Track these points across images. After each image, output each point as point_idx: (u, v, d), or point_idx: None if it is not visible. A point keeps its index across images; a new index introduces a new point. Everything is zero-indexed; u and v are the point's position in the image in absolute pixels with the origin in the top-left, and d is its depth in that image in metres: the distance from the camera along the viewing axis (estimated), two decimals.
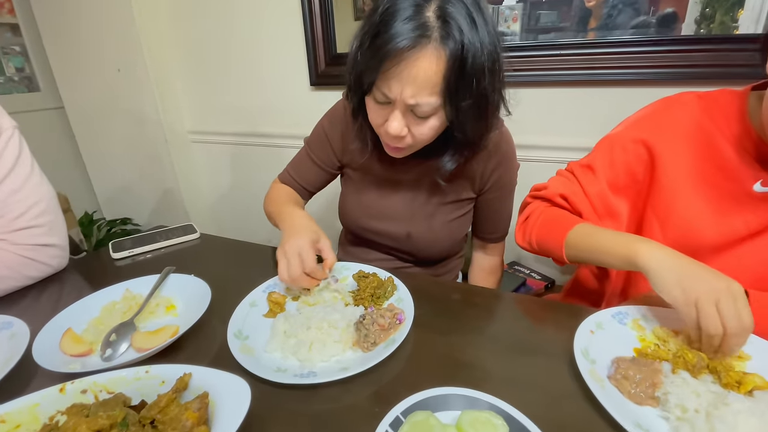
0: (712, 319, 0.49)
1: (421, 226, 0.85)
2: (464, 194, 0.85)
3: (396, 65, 0.59)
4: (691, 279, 0.52)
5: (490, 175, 0.82)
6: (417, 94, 0.61)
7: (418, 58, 0.58)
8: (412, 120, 0.66)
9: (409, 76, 0.59)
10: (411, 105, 0.62)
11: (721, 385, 0.47)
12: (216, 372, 0.45)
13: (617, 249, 0.61)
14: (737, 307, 0.49)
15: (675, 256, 0.56)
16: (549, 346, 0.57)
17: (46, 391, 0.44)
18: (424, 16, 0.57)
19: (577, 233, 0.68)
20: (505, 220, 0.91)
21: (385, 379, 0.52)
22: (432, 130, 0.67)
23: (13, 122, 0.82)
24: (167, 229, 0.99)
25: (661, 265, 0.55)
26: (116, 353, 0.57)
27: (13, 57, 1.96)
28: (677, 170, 0.67)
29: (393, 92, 0.62)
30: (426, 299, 0.67)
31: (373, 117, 0.70)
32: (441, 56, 0.58)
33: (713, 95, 0.68)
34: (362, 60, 0.63)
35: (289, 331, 0.58)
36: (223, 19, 1.58)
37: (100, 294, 0.69)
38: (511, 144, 0.83)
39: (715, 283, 0.50)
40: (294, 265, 0.65)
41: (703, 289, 0.50)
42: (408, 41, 0.57)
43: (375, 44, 0.60)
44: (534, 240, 0.75)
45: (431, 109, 0.63)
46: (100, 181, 2.11)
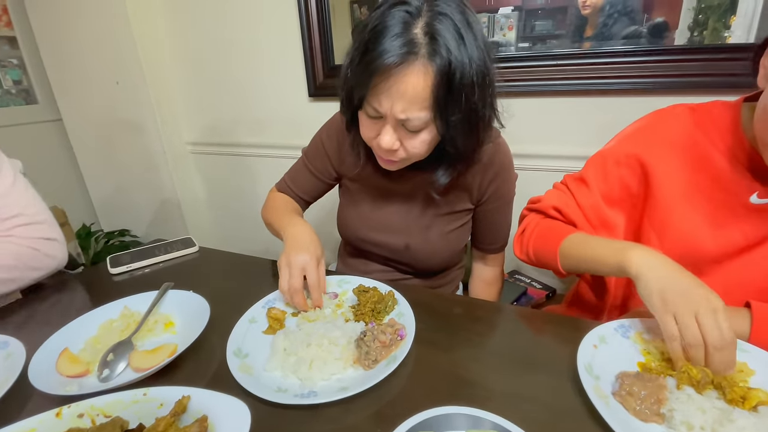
0: (691, 330, 0.49)
1: (419, 238, 0.85)
2: (461, 206, 0.85)
3: (385, 81, 0.60)
4: (673, 289, 0.52)
5: (488, 186, 0.82)
6: (407, 109, 0.62)
7: (407, 74, 0.59)
8: (404, 134, 0.66)
9: (398, 91, 0.60)
10: (401, 120, 0.63)
11: (726, 401, 0.47)
12: (215, 394, 0.45)
13: (609, 256, 0.61)
14: (717, 320, 0.48)
15: (664, 264, 0.55)
16: (552, 361, 0.57)
17: (43, 416, 0.44)
18: (412, 33, 0.58)
19: (571, 242, 0.68)
20: (504, 230, 0.91)
21: (387, 398, 0.51)
22: (424, 144, 0.67)
23: None
24: (166, 243, 0.99)
25: (647, 272, 0.55)
26: (114, 373, 0.56)
27: (11, 70, 1.97)
28: (672, 184, 0.67)
29: (383, 107, 0.63)
30: (427, 313, 0.66)
31: (365, 131, 0.70)
32: (429, 72, 0.59)
33: (706, 107, 0.68)
34: (353, 76, 0.64)
35: (289, 349, 0.58)
36: (221, 31, 1.58)
37: (97, 312, 0.68)
38: (508, 155, 0.83)
39: (696, 296, 0.50)
40: (296, 277, 0.67)
41: (682, 300, 0.51)
42: (396, 58, 0.58)
43: (364, 60, 0.61)
44: (531, 252, 0.75)
45: (421, 123, 0.64)
46: (98, 193, 2.10)
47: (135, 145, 1.81)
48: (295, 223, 0.78)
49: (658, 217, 0.69)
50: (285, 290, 0.67)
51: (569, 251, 0.68)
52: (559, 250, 0.69)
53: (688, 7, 1.04)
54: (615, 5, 1.09)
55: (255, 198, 1.80)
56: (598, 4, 1.11)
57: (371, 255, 0.93)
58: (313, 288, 0.69)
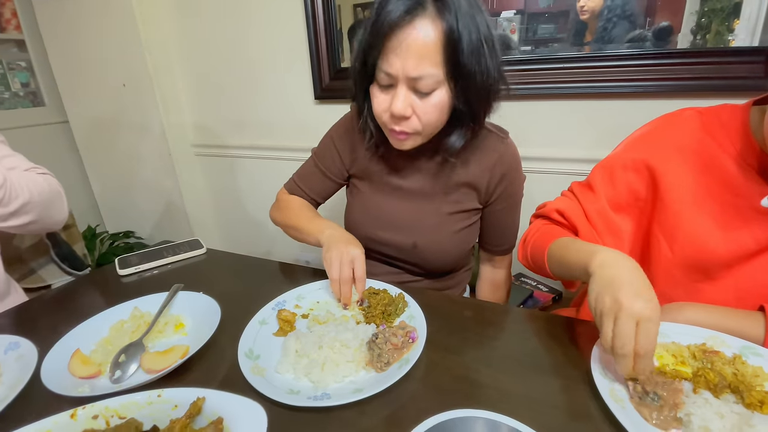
0: (605, 333, 0.50)
1: (427, 237, 0.85)
2: (470, 204, 0.85)
3: (395, 39, 0.63)
4: (607, 289, 0.51)
5: (496, 186, 0.82)
6: (418, 66, 0.63)
7: (415, 28, 0.62)
8: (416, 99, 0.67)
9: (408, 47, 0.62)
10: (413, 78, 0.64)
11: (744, 405, 0.47)
12: (230, 396, 0.45)
13: (578, 260, 0.60)
14: (634, 329, 0.47)
15: (620, 265, 0.54)
16: (565, 365, 0.57)
17: (57, 417, 0.44)
18: None
19: (557, 246, 0.68)
20: (512, 232, 0.91)
21: (400, 401, 0.51)
22: (436, 109, 0.68)
23: None
24: (173, 245, 0.99)
25: (599, 270, 0.54)
26: (125, 375, 0.56)
27: (19, 72, 1.98)
28: (681, 188, 0.67)
29: (394, 68, 0.64)
30: (437, 316, 0.66)
31: (378, 105, 0.71)
32: (437, 27, 0.62)
33: (714, 110, 0.68)
34: (365, 43, 0.67)
35: (300, 351, 0.58)
36: (228, 35, 1.59)
37: (108, 313, 0.68)
38: (517, 156, 0.84)
39: (623, 300, 0.49)
40: (346, 269, 0.71)
41: (608, 302, 0.50)
42: (405, 11, 0.61)
43: (375, 25, 0.64)
44: (530, 257, 0.75)
45: (434, 82, 0.65)
46: (104, 195, 2.11)
47: (141, 147, 1.82)
48: (331, 225, 0.82)
49: (667, 222, 0.68)
50: (336, 279, 0.70)
51: (554, 255, 0.68)
52: (547, 254, 0.69)
53: (690, 11, 1.04)
54: (613, 10, 1.09)
55: (259, 200, 1.80)
56: (596, 9, 1.11)
57: (380, 256, 0.93)
58: (360, 280, 0.72)
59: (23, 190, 0.80)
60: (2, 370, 0.59)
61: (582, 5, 1.12)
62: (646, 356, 0.47)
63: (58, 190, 0.90)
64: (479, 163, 0.81)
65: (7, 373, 0.59)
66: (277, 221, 0.93)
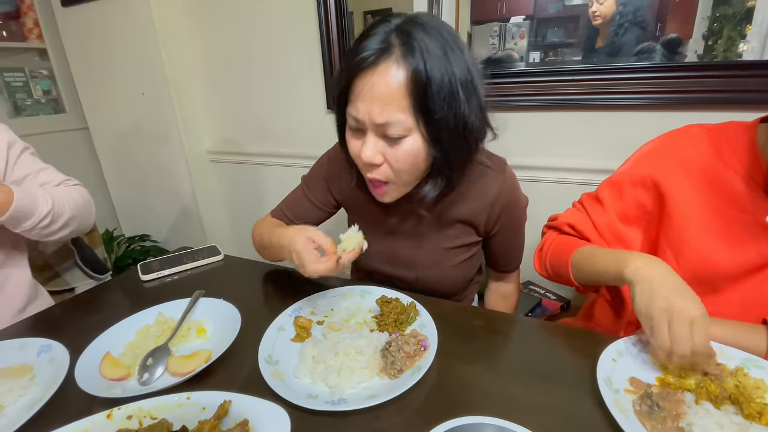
0: (662, 338, 0.52)
1: (429, 271, 0.85)
2: (468, 239, 0.84)
3: (361, 81, 0.61)
4: (654, 295, 0.54)
5: (496, 221, 0.82)
6: (383, 112, 0.61)
7: (380, 73, 0.60)
8: (386, 145, 0.65)
9: (373, 93, 0.60)
10: (380, 124, 0.62)
11: (743, 416, 0.48)
12: (255, 399, 0.48)
13: (612, 264, 0.63)
14: (690, 330, 0.50)
15: (658, 271, 0.57)
16: (572, 374, 0.59)
17: (95, 417, 0.47)
18: (389, 38, 0.61)
19: (581, 254, 0.70)
20: (517, 253, 0.92)
21: (413, 407, 0.54)
22: (409, 156, 0.65)
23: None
24: (192, 251, 1.03)
25: (638, 277, 0.57)
26: (153, 377, 0.59)
27: (41, 80, 2.05)
28: (686, 204, 0.69)
29: (361, 113, 0.62)
30: (448, 325, 0.69)
31: (351, 148, 0.69)
32: (402, 70, 0.59)
33: (722, 128, 0.69)
34: (336, 85, 0.67)
35: (317, 357, 0.60)
36: (244, 46, 1.64)
37: (134, 318, 0.72)
38: (514, 187, 0.82)
39: (673, 303, 0.52)
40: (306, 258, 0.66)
41: (659, 307, 0.53)
42: (371, 55, 0.60)
43: (344, 68, 0.64)
44: (549, 266, 0.77)
45: (402, 129, 0.62)
46: (120, 199, 2.17)
47: (158, 153, 1.87)
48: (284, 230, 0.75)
49: (673, 236, 0.70)
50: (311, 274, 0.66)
51: (579, 263, 0.70)
52: (571, 262, 0.71)
53: (702, 17, 1.04)
54: (625, 15, 1.10)
55: (271, 206, 1.83)
56: (608, 14, 1.12)
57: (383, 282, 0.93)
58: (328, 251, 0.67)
59: (65, 208, 0.88)
60: (35, 372, 0.63)
61: (594, 11, 1.14)
62: (704, 353, 0.50)
63: (89, 200, 0.98)
64: (476, 200, 0.79)
65: (41, 375, 0.62)
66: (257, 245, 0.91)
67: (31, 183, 0.90)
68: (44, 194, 0.85)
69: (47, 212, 0.84)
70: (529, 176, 1.28)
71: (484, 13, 1.30)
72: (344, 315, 0.74)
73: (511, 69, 1.28)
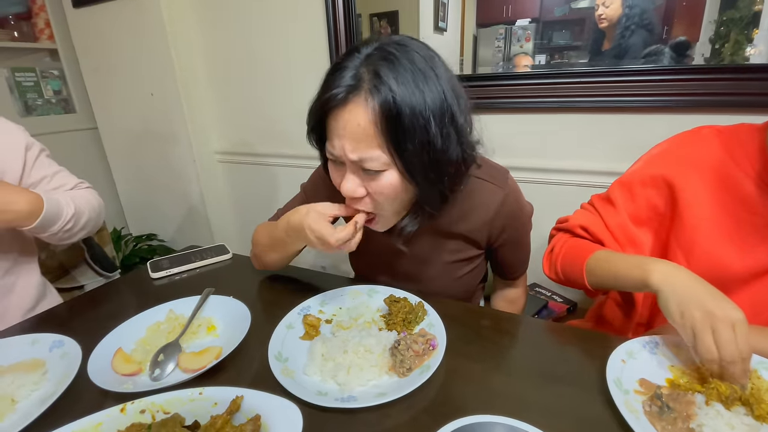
0: (707, 345, 0.51)
1: (431, 285, 0.84)
2: (470, 253, 0.83)
3: (335, 121, 0.60)
4: (691, 303, 0.53)
5: (498, 235, 0.80)
6: (356, 148, 0.59)
7: (351, 110, 0.58)
8: (367, 178, 0.63)
9: (345, 130, 0.59)
10: (355, 161, 0.61)
11: (754, 417, 0.48)
12: (267, 395, 0.48)
13: (632, 271, 0.62)
14: (734, 335, 0.50)
15: (685, 277, 0.57)
16: (581, 375, 0.59)
17: (109, 411, 0.48)
18: (359, 71, 0.58)
19: (596, 259, 0.70)
20: (523, 260, 0.91)
21: (422, 405, 0.54)
22: (391, 188, 0.63)
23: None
24: (201, 250, 1.04)
25: (668, 285, 0.57)
26: (164, 373, 0.60)
27: (52, 80, 2.07)
28: (699, 204, 0.68)
29: (336, 149, 0.61)
30: (456, 325, 0.69)
31: (334, 179, 0.68)
32: (370, 107, 0.57)
33: (732, 130, 0.69)
34: (311, 118, 0.65)
35: (326, 355, 0.61)
36: (252, 48, 1.65)
37: (145, 314, 0.72)
38: (518, 202, 0.79)
39: (713, 309, 0.51)
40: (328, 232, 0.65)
41: (699, 314, 0.52)
42: (340, 92, 0.58)
43: (316, 105, 0.63)
44: (560, 270, 0.77)
45: (379, 164, 0.60)
46: (128, 198, 2.18)
47: (166, 153, 1.88)
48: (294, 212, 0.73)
49: (684, 238, 0.70)
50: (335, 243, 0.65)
51: (595, 268, 0.70)
52: (586, 267, 0.71)
53: (709, 20, 1.03)
54: (631, 18, 1.10)
55: (279, 205, 1.84)
56: (614, 17, 1.13)
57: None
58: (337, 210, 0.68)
59: (84, 211, 0.91)
60: (47, 367, 0.63)
61: (600, 14, 1.14)
62: (748, 358, 0.50)
63: (101, 202, 1.01)
64: (475, 217, 0.77)
65: (52, 370, 0.63)
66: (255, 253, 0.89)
67: (47, 185, 0.93)
68: (66, 199, 0.87)
69: (71, 216, 0.87)
70: (536, 178, 1.28)
71: (489, 15, 1.30)
72: (352, 314, 0.74)
73: (516, 71, 1.28)
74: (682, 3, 1.06)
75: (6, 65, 1.89)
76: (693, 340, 0.53)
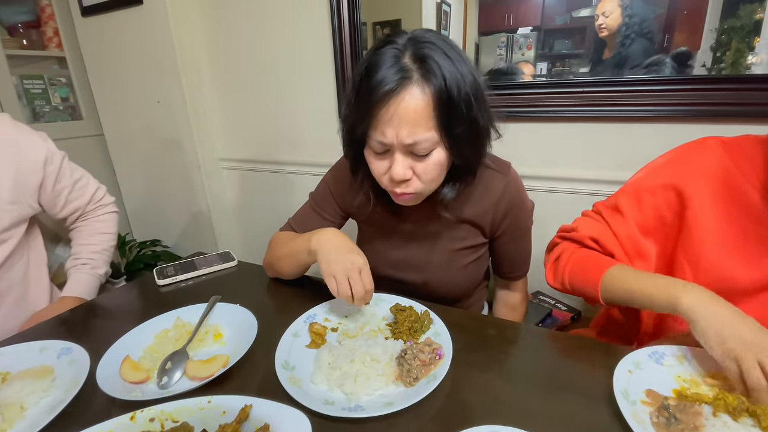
0: (755, 376, 0.50)
1: (438, 274, 0.87)
2: (475, 240, 0.86)
3: (385, 110, 0.63)
4: (731, 333, 0.53)
5: (501, 222, 0.84)
6: (413, 133, 0.64)
7: (404, 98, 0.62)
8: (415, 161, 0.68)
9: (400, 117, 0.63)
10: (409, 145, 0.65)
11: (761, 429, 0.48)
12: (276, 404, 0.48)
13: (658, 293, 0.62)
14: None
15: (717, 304, 0.57)
16: (587, 385, 0.59)
17: (119, 420, 0.48)
18: (402, 62, 0.63)
19: (613, 276, 0.69)
20: (524, 258, 0.93)
21: (428, 415, 0.54)
22: (436, 167, 0.68)
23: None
24: (206, 257, 1.04)
25: (702, 314, 0.56)
26: (171, 381, 0.60)
27: (59, 88, 2.10)
28: (705, 215, 0.68)
29: (388, 137, 0.65)
30: (461, 333, 0.69)
31: (375, 169, 0.71)
32: (426, 92, 0.62)
33: (737, 141, 0.70)
34: (353, 113, 0.68)
35: (333, 364, 0.61)
36: (257, 56, 1.67)
37: (153, 321, 0.73)
38: (520, 190, 0.84)
39: (756, 340, 0.52)
40: (358, 284, 0.69)
41: (742, 346, 0.52)
42: (392, 84, 0.62)
43: (362, 95, 0.65)
44: (567, 281, 0.76)
45: (430, 144, 0.65)
46: (132, 205, 2.20)
47: (171, 160, 1.90)
48: (322, 231, 0.77)
49: (692, 249, 0.70)
50: (348, 296, 0.68)
51: (611, 285, 0.69)
52: (601, 283, 0.70)
53: (710, 29, 1.04)
54: (631, 27, 1.10)
55: (282, 211, 1.84)
56: (614, 27, 1.14)
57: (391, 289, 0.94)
58: (370, 291, 0.71)
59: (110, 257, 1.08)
60: (56, 374, 0.64)
61: (600, 23, 1.15)
62: None
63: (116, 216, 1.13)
64: (481, 201, 0.82)
65: (61, 377, 0.63)
66: (269, 260, 0.91)
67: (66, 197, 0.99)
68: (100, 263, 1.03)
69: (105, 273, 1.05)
70: (538, 186, 1.28)
71: (491, 24, 1.32)
72: (358, 322, 0.75)
73: (520, 81, 1.29)
74: (683, 12, 1.07)
75: (15, 73, 1.91)
76: (737, 371, 0.52)
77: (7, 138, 0.89)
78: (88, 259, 1.01)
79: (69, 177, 0.98)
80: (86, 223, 1.05)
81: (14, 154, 0.88)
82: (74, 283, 0.97)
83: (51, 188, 0.94)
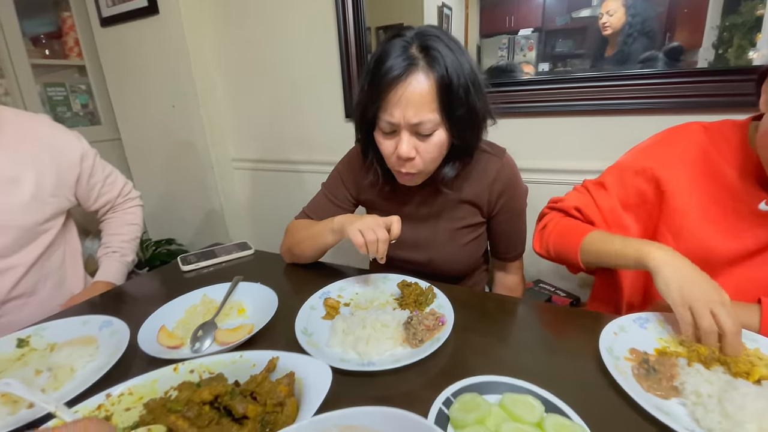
0: (707, 319, 0.57)
1: (441, 252, 0.94)
2: (474, 219, 0.94)
3: (394, 93, 0.72)
4: (690, 285, 0.60)
5: (496, 201, 0.91)
6: (417, 114, 0.72)
7: (411, 83, 0.71)
8: (418, 141, 0.76)
9: (407, 99, 0.72)
10: (414, 124, 0.73)
11: (731, 375, 0.54)
12: (300, 356, 0.55)
13: (629, 251, 0.69)
14: (728, 312, 0.57)
15: (680, 261, 0.63)
16: (577, 347, 0.65)
17: (163, 370, 0.55)
18: (410, 52, 0.72)
19: (592, 239, 0.77)
20: (519, 239, 1.00)
21: (434, 370, 0.61)
22: (437, 147, 0.77)
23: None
24: (225, 246, 1.12)
25: (665, 267, 0.63)
26: (203, 346, 0.67)
27: (79, 95, 2.20)
28: (685, 194, 0.75)
29: (396, 117, 0.74)
30: (463, 306, 0.75)
31: (384, 148, 0.80)
32: (430, 78, 0.71)
33: (717, 126, 0.76)
34: (365, 98, 0.77)
35: (347, 330, 0.68)
36: (267, 60, 1.75)
37: (183, 298, 0.80)
38: (514, 172, 0.92)
39: (711, 293, 0.59)
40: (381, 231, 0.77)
41: (697, 295, 0.59)
42: (400, 70, 0.71)
43: (374, 81, 0.74)
44: (551, 247, 0.83)
45: (433, 125, 0.74)
46: (148, 205, 2.25)
47: (186, 162, 1.98)
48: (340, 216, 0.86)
49: (674, 223, 0.76)
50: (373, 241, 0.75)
51: (589, 247, 0.76)
52: (580, 246, 0.77)
53: (711, 26, 1.07)
54: (635, 26, 1.14)
55: (292, 209, 1.90)
56: (618, 25, 1.18)
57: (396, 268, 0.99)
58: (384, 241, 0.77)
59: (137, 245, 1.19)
60: (99, 343, 0.71)
61: (604, 22, 1.20)
62: (740, 331, 0.57)
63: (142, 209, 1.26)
64: (478, 182, 0.90)
65: (104, 345, 0.70)
66: (288, 245, 0.98)
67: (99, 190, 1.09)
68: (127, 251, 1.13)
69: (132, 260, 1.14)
70: (538, 178, 1.34)
71: (492, 26, 1.36)
72: (369, 297, 0.81)
73: (521, 78, 1.35)
74: (684, 10, 1.10)
75: (39, 81, 2.02)
76: (690, 317, 0.59)
77: (48, 138, 0.97)
78: (118, 247, 1.08)
79: (101, 172, 1.06)
80: (116, 215, 1.14)
81: (55, 152, 0.96)
82: (105, 269, 1.05)
83: (86, 183, 1.03)
